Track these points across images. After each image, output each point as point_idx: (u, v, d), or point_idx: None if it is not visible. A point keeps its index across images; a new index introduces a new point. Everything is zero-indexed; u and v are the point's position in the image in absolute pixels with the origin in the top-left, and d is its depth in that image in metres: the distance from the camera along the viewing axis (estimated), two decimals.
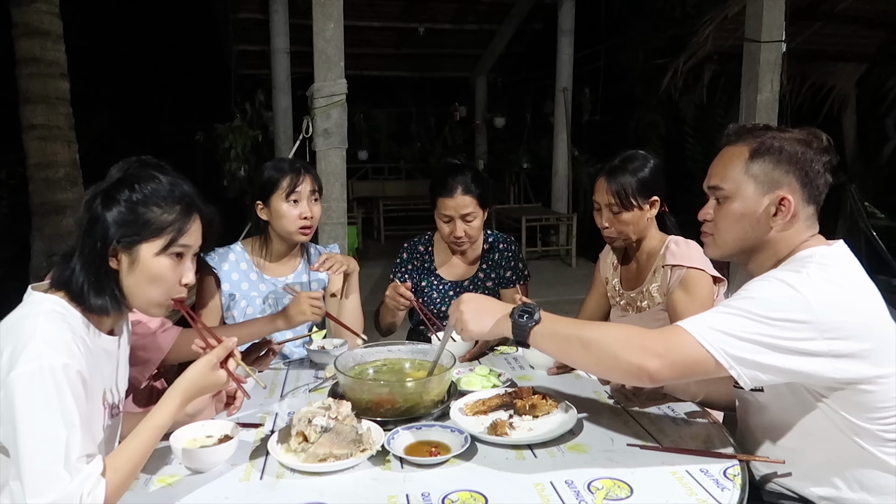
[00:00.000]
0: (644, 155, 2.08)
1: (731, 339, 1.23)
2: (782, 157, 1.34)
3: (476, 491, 1.23)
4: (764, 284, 1.29)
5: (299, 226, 2.14)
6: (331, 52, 3.29)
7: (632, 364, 1.25)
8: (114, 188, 1.28)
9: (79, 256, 1.26)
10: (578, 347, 1.32)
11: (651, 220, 2.08)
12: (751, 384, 1.26)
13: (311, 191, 2.15)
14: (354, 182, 9.42)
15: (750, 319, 1.23)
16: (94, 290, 1.25)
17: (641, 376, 1.26)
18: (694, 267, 1.96)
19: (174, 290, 1.33)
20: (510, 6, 8.26)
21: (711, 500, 1.20)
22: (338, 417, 1.36)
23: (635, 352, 1.26)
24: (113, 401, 1.36)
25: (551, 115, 8.17)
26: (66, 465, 1.09)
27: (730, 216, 1.40)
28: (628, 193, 2.01)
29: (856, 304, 1.26)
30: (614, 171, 2.04)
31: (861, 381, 1.26)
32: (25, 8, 4.19)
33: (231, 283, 2.18)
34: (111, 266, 1.27)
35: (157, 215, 1.28)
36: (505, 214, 8.06)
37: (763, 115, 3.86)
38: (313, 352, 1.95)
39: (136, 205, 1.27)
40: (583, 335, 1.33)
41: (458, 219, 2.29)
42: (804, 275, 1.26)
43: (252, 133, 7.63)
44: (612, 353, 1.28)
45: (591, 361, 1.34)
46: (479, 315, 1.43)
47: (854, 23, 6.11)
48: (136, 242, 1.27)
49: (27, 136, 4.33)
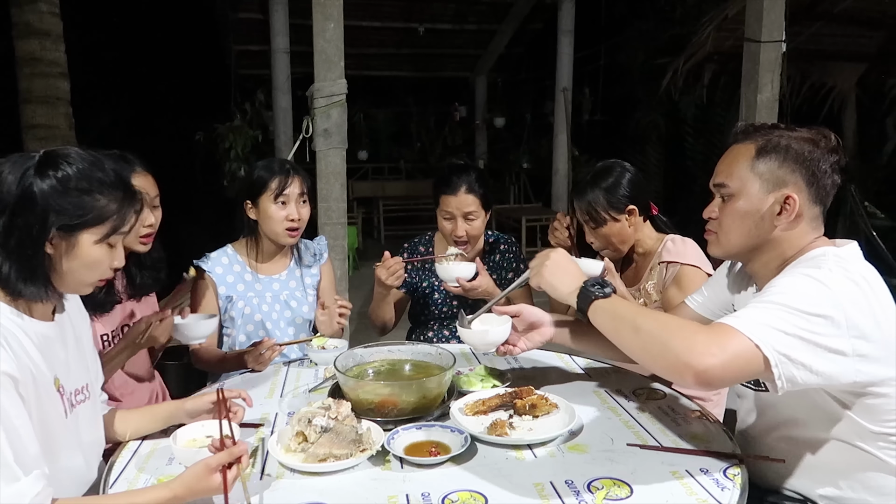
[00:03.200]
0: (617, 167, 2.08)
1: (780, 335, 1.16)
2: (788, 156, 1.32)
3: (476, 491, 1.23)
4: (793, 280, 1.25)
5: (286, 227, 2.14)
6: (331, 52, 3.29)
7: (679, 359, 1.17)
8: (47, 165, 1.20)
9: (3, 235, 1.17)
10: (629, 330, 1.29)
11: (637, 226, 2.08)
12: (786, 386, 1.18)
13: (299, 193, 2.15)
14: (354, 182, 9.42)
15: (790, 313, 1.18)
16: (25, 277, 1.19)
17: (685, 373, 1.16)
18: (688, 263, 1.97)
19: (106, 274, 1.30)
20: (510, 6, 8.26)
21: (711, 499, 1.20)
22: (338, 417, 1.36)
23: (686, 346, 1.17)
24: (73, 387, 1.32)
25: (551, 115, 8.17)
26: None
27: (734, 214, 1.38)
28: (598, 209, 2.04)
29: (873, 305, 1.23)
30: (582, 188, 2.08)
31: (878, 384, 1.24)
32: (25, 8, 4.18)
33: (227, 286, 2.19)
34: (47, 251, 1.21)
35: (100, 203, 1.23)
36: (505, 214, 8.06)
37: (763, 115, 3.85)
38: (313, 352, 1.94)
39: (76, 189, 1.20)
40: (637, 319, 1.29)
41: (460, 217, 2.29)
42: (826, 270, 1.23)
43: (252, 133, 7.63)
44: (660, 342, 1.22)
45: (637, 346, 1.28)
46: (558, 271, 1.46)
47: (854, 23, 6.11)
48: (77, 230, 1.22)
49: (27, 136, 4.33)
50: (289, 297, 2.26)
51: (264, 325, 2.21)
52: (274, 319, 2.22)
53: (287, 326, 2.24)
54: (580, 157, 8.30)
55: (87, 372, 1.41)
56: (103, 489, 1.28)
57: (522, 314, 1.70)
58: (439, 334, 2.48)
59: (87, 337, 1.45)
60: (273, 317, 2.22)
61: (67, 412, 1.29)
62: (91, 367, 1.44)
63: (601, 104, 9.15)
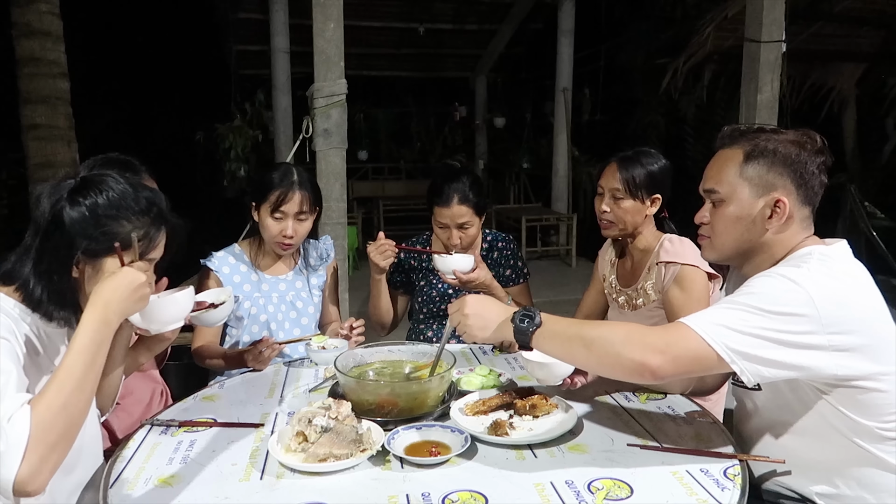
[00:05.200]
0: (657, 154, 2.13)
1: (733, 334, 1.23)
2: (776, 160, 1.35)
3: (476, 491, 1.23)
4: (765, 280, 1.29)
5: (278, 241, 2.14)
6: (331, 52, 3.29)
7: (634, 361, 1.25)
8: (80, 192, 1.24)
9: (35, 261, 1.22)
10: (581, 347, 1.32)
11: (649, 217, 2.10)
12: (753, 379, 1.26)
13: (297, 211, 2.11)
14: (354, 182, 9.42)
15: (751, 314, 1.24)
16: (56, 302, 1.23)
17: (644, 373, 1.26)
18: (688, 263, 1.97)
19: None
20: (510, 6, 8.25)
21: (712, 500, 1.20)
22: (338, 417, 1.36)
23: (637, 349, 1.26)
24: None
25: (551, 115, 8.17)
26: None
27: (725, 219, 1.41)
28: (637, 183, 2.05)
29: (856, 300, 1.27)
30: (627, 159, 2.09)
31: (862, 378, 1.26)
32: (25, 8, 4.18)
33: (233, 285, 2.18)
34: (73, 276, 1.24)
35: (126, 229, 1.25)
36: (505, 214, 8.06)
37: (763, 115, 3.86)
38: (313, 352, 1.95)
39: (104, 217, 1.23)
40: (584, 334, 1.33)
41: (455, 227, 2.28)
42: (804, 269, 1.27)
43: (252, 133, 7.64)
44: (614, 352, 1.28)
45: (594, 360, 1.34)
46: (481, 320, 1.44)
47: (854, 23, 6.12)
48: (103, 256, 1.24)
49: (27, 136, 4.33)
50: (294, 297, 2.26)
51: (269, 326, 2.20)
52: (279, 320, 2.22)
53: (292, 327, 2.23)
54: (580, 157, 8.30)
55: None
56: (103, 489, 1.28)
57: None
58: (439, 333, 2.47)
59: None
60: (278, 317, 2.22)
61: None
62: None
63: (601, 104, 9.14)
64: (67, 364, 1.14)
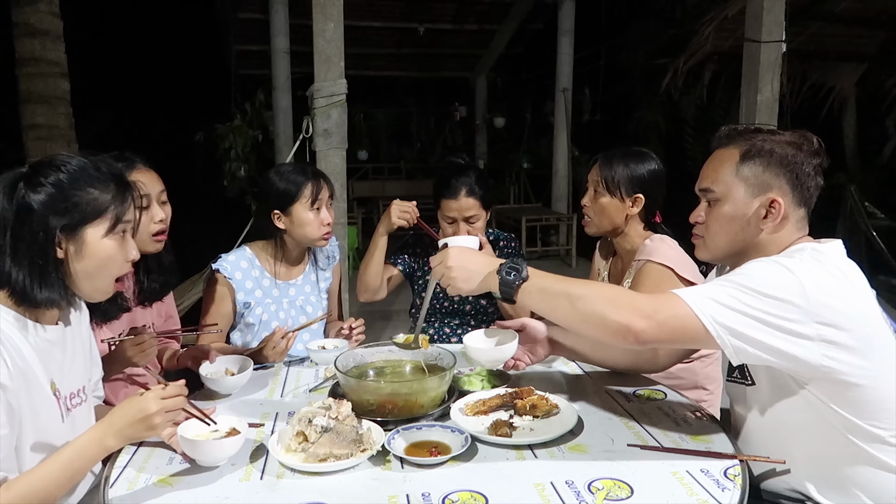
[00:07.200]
0: (649, 155, 2.12)
1: (722, 309, 1.23)
2: (772, 160, 1.36)
3: (476, 491, 1.23)
4: (759, 264, 1.29)
5: (323, 233, 2.15)
6: (331, 52, 3.29)
7: (619, 322, 1.25)
8: (36, 175, 1.24)
9: (11, 252, 1.21)
10: (566, 303, 1.31)
11: (633, 217, 2.08)
12: (738, 358, 1.25)
13: (329, 196, 2.17)
14: (354, 182, 9.41)
15: (743, 292, 1.24)
16: (40, 283, 1.22)
17: (627, 335, 1.25)
18: (655, 261, 1.93)
19: (123, 268, 1.33)
20: (510, 6, 8.25)
21: (712, 500, 1.20)
22: (338, 417, 1.35)
23: (624, 310, 1.25)
24: (69, 390, 1.34)
25: (551, 115, 8.16)
26: None
27: (720, 219, 1.41)
28: (615, 181, 2.05)
29: (846, 295, 1.27)
30: (611, 156, 2.10)
31: (849, 374, 1.26)
32: (25, 8, 4.19)
33: (245, 291, 2.18)
34: (58, 256, 1.24)
35: (94, 196, 1.25)
36: (505, 214, 8.05)
37: (763, 115, 3.85)
38: (313, 352, 1.94)
39: (71, 189, 1.23)
40: (571, 291, 1.31)
41: (462, 221, 2.29)
42: (797, 260, 1.28)
43: (252, 133, 7.63)
44: (599, 310, 1.27)
45: (577, 318, 1.32)
46: (466, 271, 1.40)
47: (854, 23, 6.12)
48: (81, 227, 1.24)
49: (27, 136, 4.33)
50: (304, 302, 2.27)
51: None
52: (290, 326, 2.21)
53: (301, 332, 2.23)
54: (580, 157, 8.29)
55: (84, 373, 1.42)
56: (103, 489, 1.28)
57: (526, 328, 1.72)
58: (440, 332, 2.48)
59: (86, 334, 1.45)
60: (289, 323, 2.22)
61: (64, 416, 1.31)
62: (87, 367, 1.45)
63: (601, 104, 9.15)
64: (48, 470, 1.18)
